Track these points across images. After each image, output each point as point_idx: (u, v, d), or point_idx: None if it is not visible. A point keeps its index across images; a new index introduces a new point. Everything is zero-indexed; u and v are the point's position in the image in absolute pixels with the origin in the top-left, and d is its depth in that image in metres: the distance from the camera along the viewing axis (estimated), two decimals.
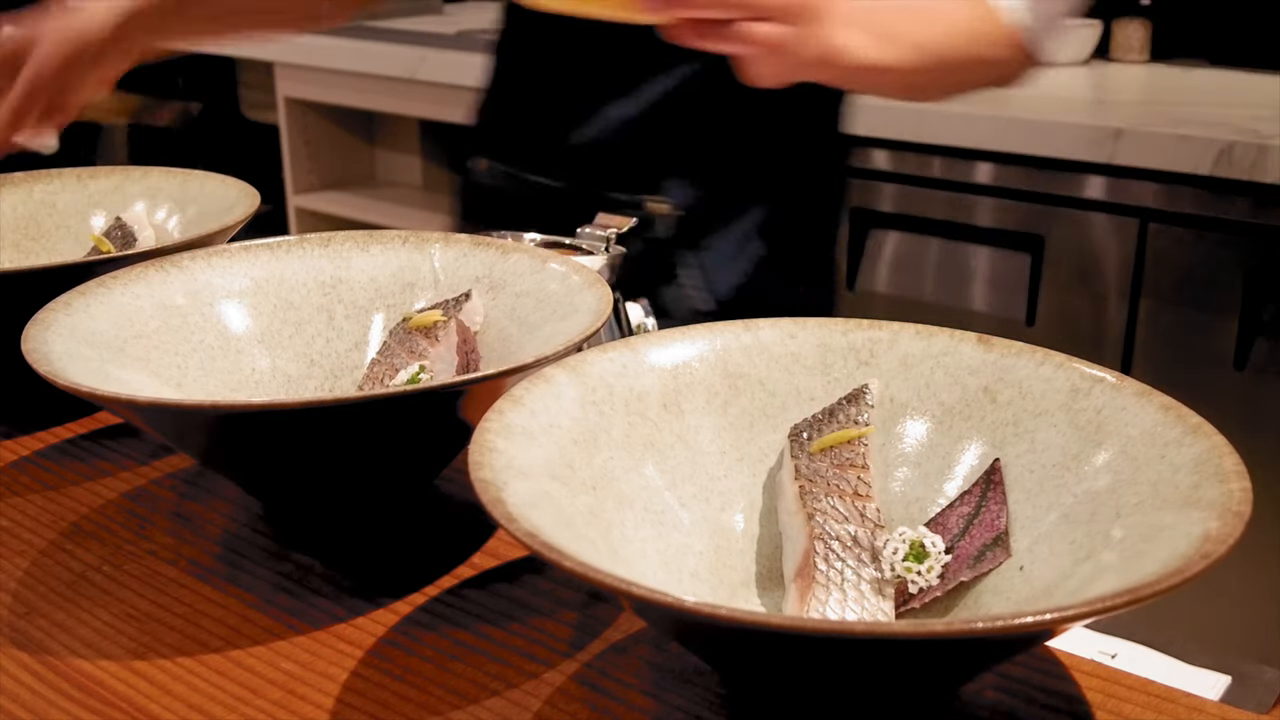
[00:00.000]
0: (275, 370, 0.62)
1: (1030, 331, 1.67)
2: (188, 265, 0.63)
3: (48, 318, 0.55)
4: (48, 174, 0.82)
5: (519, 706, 0.45)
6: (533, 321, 0.59)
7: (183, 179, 0.80)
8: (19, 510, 0.60)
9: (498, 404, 0.46)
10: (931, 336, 0.52)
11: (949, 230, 1.72)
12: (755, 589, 0.49)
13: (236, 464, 0.54)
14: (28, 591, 0.53)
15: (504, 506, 0.39)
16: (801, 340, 0.53)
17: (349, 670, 0.47)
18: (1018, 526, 0.47)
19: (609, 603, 0.51)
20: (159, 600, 0.52)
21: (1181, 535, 0.38)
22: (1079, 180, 1.60)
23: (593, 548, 0.42)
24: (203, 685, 0.46)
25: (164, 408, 0.50)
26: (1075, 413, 0.48)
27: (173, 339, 0.60)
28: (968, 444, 0.50)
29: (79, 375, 0.51)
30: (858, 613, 0.46)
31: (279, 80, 2.59)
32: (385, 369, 0.61)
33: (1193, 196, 1.51)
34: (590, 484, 0.46)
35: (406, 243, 0.66)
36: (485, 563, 0.54)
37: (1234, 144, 1.45)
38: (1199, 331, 1.54)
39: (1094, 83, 1.93)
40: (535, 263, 0.62)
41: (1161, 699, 0.45)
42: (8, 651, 0.49)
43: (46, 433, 0.68)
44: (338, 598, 0.52)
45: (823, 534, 0.47)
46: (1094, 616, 0.34)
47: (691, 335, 0.53)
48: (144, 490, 0.61)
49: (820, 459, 0.49)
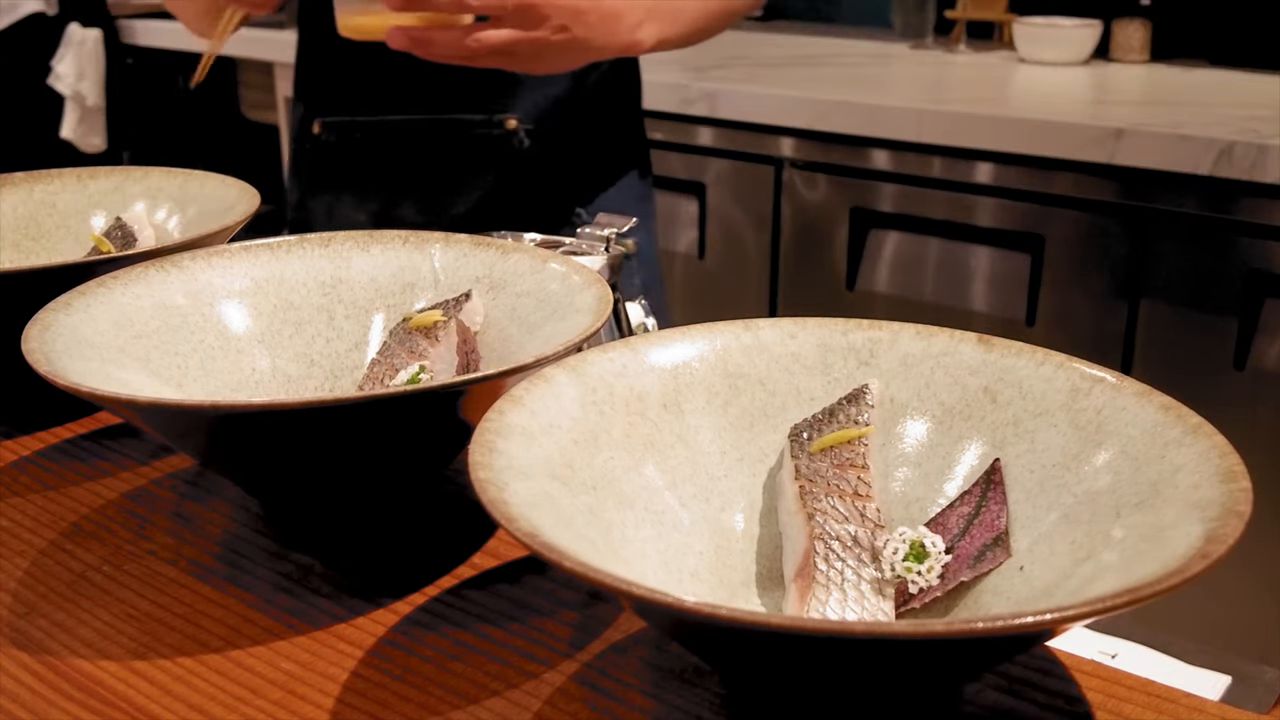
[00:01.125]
0: (275, 370, 0.62)
1: (1030, 331, 1.67)
2: (188, 265, 0.63)
3: (48, 318, 0.55)
4: (48, 174, 0.82)
5: (519, 706, 0.45)
6: (533, 321, 0.59)
7: (183, 179, 0.80)
8: (19, 510, 0.60)
9: (498, 404, 0.46)
10: (931, 336, 0.52)
11: (949, 230, 1.73)
12: (755, 589, 0.49)
13: (236, 464, 0.54)
14: (28, 591, 0.53)
15: (504, 506, 0.39)
16: (802, 340, 0.53)
17: (349, 670, 0.47)
18: (1018, 526, 0.47)
19: (609, 603, 0.51)
20: (159, 600, 0.52)
21: (1181, 535, 0.38)
22: (1079, 180, 1.60)
23: (593, 548, 0.42)
24: (203, 685, 0.46)
25: (164, 408, 0.50)
26: (1075, 413, 0.48)
27: (173, 339, 0.60)
28: (968, 444, 0.50)
29: (79, 375, 0.51)
30: (858, 613, 0.46)
31: (279, 80, 2.59)
32: (385, 369, 0.61)
33: (1193, 196, 1.52)
34: (590, 484, 0.46)
35: (406, 243, 0.66)
36: (485, 563, 0.54)
37: (1234, 144, 1.45)
38: (1199, 331, 1.54)
39: (1094, 83, 1.93)
40: (535, 263, 0.62)
41: (1162, 699, 0.45)
42: (8, 651, 0.49)
43: (46, 433, 0.68)
44: (338, 598, 0.52)
45: (823, 534, 0.47)
46: (1094, 616, 0.34)
47: (691, 335, 0.53)
48: (144, 490, 0.61)
49: (820, 459, 0.50)
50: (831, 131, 1.78)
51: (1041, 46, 2.08)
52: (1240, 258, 1.49)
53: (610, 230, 0.81)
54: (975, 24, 2.32)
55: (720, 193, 1.92)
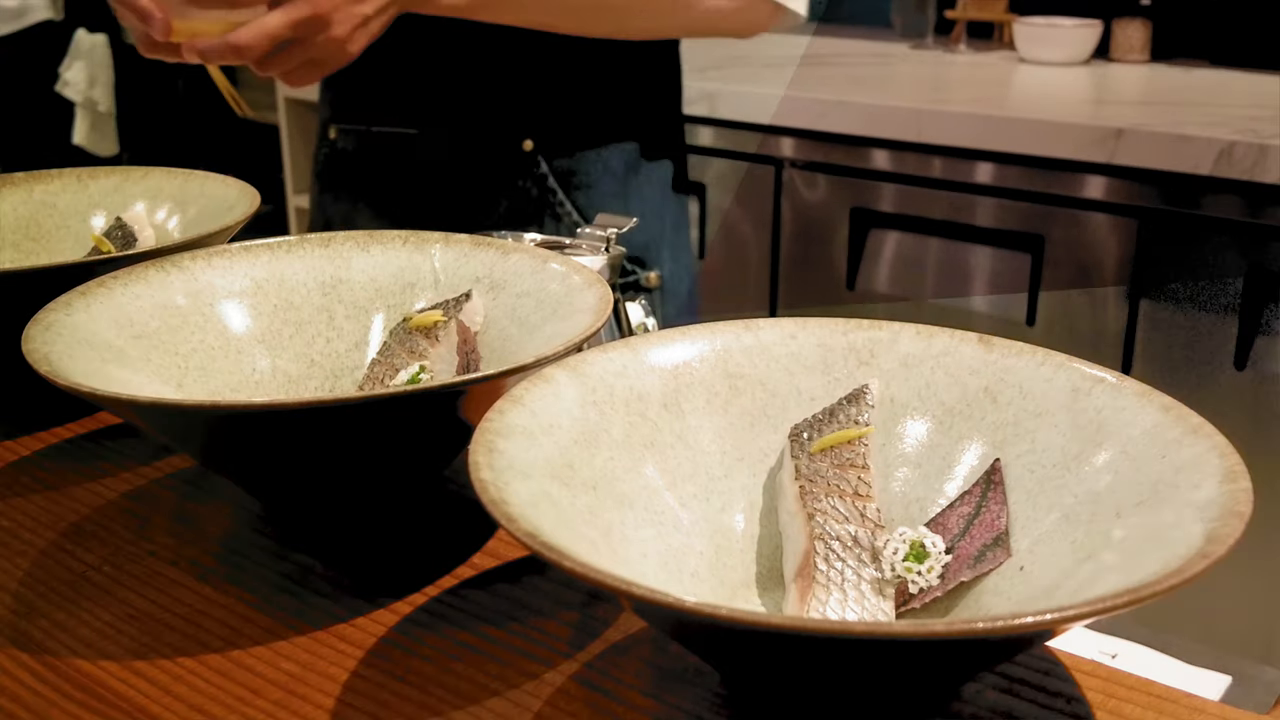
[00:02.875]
0: (275, 370, 0.62)
1: (1030, 331, 1.68)
2: (188, 265, 0.63)
3: (48, 318, 0.55)
4: (48, 174, 0.82)
5: (519, 706, 0.45)
6: (533, 321, 0.59)
7: (183, 179, 0.80)
8: (19, 510, 0.60)
9: (498, 404, 0.46)
10: (932, 336, 0.52)
11: (949, 230, 1.73)
12: (755, 589, 0.49)
13: (236, 464, 0.54)
14: (28, 591, 0.53)
15: (504, 506, 0.39)
16: (802, 340, 0.53)
17: (349, 670, 0.47)
18: (1018, 526, 0.47)
19: (609, 603, 0.51)
20: (159, 600, 0.52)
21: (1181, 535, 0.38)
22: (1079, 180, 1.60)
23: (593, 548, 0.42)
24: (203, 685, 0.46)
25: (164, 408, 0.50)
26: (1076, 413, 0.48)
27: (173, 339, 0.60)
28: (968, 444, 0.50)
29: (79, 375, 0.51)
30: (858, 613, 0.46)
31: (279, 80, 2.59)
32: (385, 369, 0.61)
33: (1193, 196, 1.52)
34: (590, 484, 0.46)
35: (406, 243, 0.66)
36: (485, 563, 0.54)
37: (1234, 144, 1.45)
38: (1199, 331, 1.54)
39: (1094, 83, 1.93)
40: (535, 263, 0.62)
41: (1162, 699, 0.45)
42: (8, 651, 0.49)
43: (46, 433, 0.68)
44: (338, 598, 0.52)
45: (823, 534, 0.47)
46: (1094, 616, 0.34)
47: (692, 335, 0.53)
48: (144, 490, 0.61)
49: (820, 459, 0.49)
50: (831, 131, 1.78)
51: (1041, 46, 2.08)
52: (1240, 258, 1.49)
53: (611, 230, 0.81)
54: (975, 24, 2.33)
55: (720, 193, 1.93)
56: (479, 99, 1.12)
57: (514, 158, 1.14)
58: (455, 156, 1.14)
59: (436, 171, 1.15)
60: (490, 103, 1.13)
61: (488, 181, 1.15)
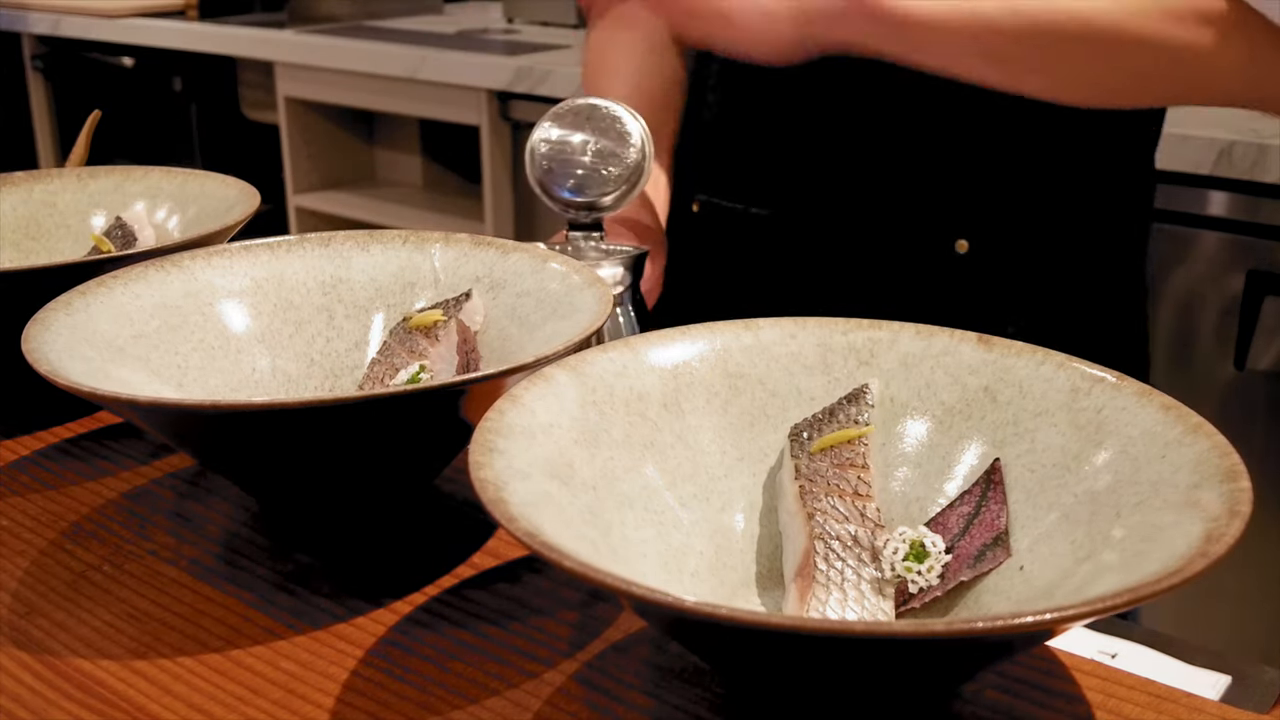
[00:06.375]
0: (275, 370, 0.62)
1: None
2: (188, 265, 0.63)
3: (48, 318, 0.55)
4: (48, 174, 0.82)
5: (519, 706, 0.45)
6: (533, 321, 0.59)
7: (183, 179, 0.80)
8: (19, 510, 0.60)
9: (498, 404, 0.46)
10: (931, 336, 0.52)
11: None
12: (755, 589, 0.49)
13: (236, 464, 0.54)
14: (28, 591, 0.53)
15: (504, 506, 0.39)
16: (802, 340, 0.53)
17: (349, 670, 0.47)
18: (1018, 526, 0.47)
19: (609, 603, 0.51)
20: (159, 600, 0.52)
21: (1181, 535, 0.38)
22: None
23: (593, 548, 0.42)
24: (203, 685, 0.47)
25: (164, 408, 0.50)
26: (1075, 413, 0.48)
27: (173, 339, 0.60)
28: (968, 444, 0.50)
29: (79, 375, 0.51)
30: (858, 613, 0.46)
31: (279, 80, 2.59)
32: (385, 369, 0.61)
33: (1193, 196, 1.51)
34: (590, 484, 0.46)
35: (407, 243, 0.66)
36: (485, 563, 0.54)
37: (1234, 144, 1.45)
38: (1199, 331, 1.54)
39: None
40: (535, 262, 0.62)
41: (1161, 699, 0.45)
42: (8, 651, 0.49)
43: (46, 433, 0.68)
44: (338, 598, 0.52)
45: (823, 534, 0.47)
46: (1094, 616, 0.34)
47: (692, 335, 0.53)
48: (144, 490, 0.61)
49: (820, 459, 0.50)
50: None
51: None
52: (1240, 258, 1.49)
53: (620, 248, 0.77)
54: None
55: None
56: (905, 188, 0.89)
57: (940, 259, 0.89)
58: (866, 248, 0.91)
59: (842, 257, 0.92)
60: (918, 193, 0.89)
61: (898, 277, 0.91)
